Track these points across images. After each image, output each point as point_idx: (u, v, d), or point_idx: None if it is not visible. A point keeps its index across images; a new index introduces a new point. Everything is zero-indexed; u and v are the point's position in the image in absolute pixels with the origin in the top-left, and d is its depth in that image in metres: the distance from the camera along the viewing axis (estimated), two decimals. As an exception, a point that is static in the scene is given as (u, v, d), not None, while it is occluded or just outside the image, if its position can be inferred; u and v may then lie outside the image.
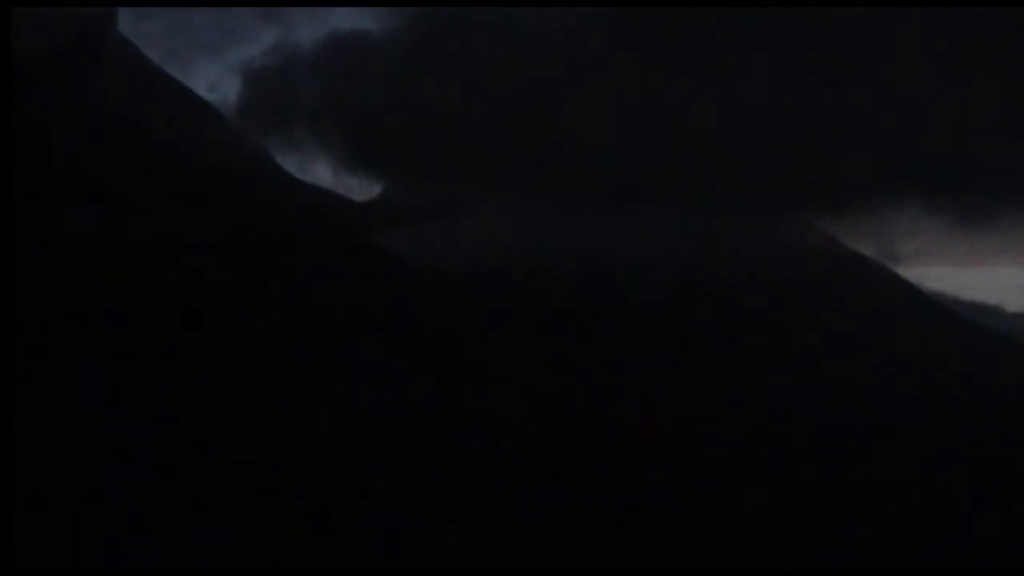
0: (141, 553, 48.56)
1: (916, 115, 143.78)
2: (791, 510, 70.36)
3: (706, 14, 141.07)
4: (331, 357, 69.08)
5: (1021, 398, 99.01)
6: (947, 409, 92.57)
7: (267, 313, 70.59)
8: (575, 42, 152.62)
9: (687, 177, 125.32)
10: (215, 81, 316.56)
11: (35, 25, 79.33)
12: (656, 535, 63.11)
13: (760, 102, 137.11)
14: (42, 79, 79.88)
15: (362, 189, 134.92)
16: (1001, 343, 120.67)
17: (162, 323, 64.11)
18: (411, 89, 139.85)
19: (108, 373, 57.83)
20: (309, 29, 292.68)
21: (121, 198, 73.96)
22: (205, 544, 50.54)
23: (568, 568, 57.76)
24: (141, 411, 56.08)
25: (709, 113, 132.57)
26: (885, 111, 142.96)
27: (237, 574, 49.66)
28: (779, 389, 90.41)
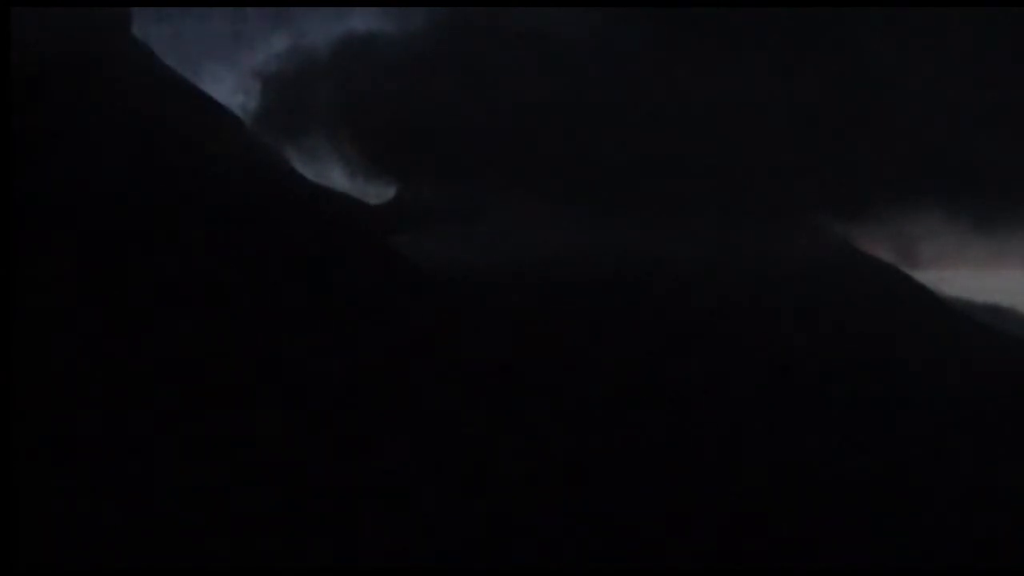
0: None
1: (934, 118, 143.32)
2: (808, 513, 70.32)
3: (723, 15, 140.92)
4: (346, 359, 69.24)
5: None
6: (963, 412, 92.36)
7: (283, 316, 70.82)
8: (593, 45, 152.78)
9: (703, 181, 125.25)
10: (233, 86, 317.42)
11: (49, 26, 79.63)
12: (672, 544, 63.10)
13: (776, 105, 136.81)
14: (57, 81, 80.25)
15: (377, 192, 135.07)
16: (1017, 346, 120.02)
17: (176, 326, 64.39)
18: (426, 92, 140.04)
19: (119, 375, 58.11)
20: (323, 32, 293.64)
21: (136, 202, 74.30)
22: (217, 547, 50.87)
23: (573, 571, 57.88)
24: (145, 412, 56.37)
25: (725, 117, 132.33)
26: (903, 114, 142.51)
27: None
28: (792, 392, 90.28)
